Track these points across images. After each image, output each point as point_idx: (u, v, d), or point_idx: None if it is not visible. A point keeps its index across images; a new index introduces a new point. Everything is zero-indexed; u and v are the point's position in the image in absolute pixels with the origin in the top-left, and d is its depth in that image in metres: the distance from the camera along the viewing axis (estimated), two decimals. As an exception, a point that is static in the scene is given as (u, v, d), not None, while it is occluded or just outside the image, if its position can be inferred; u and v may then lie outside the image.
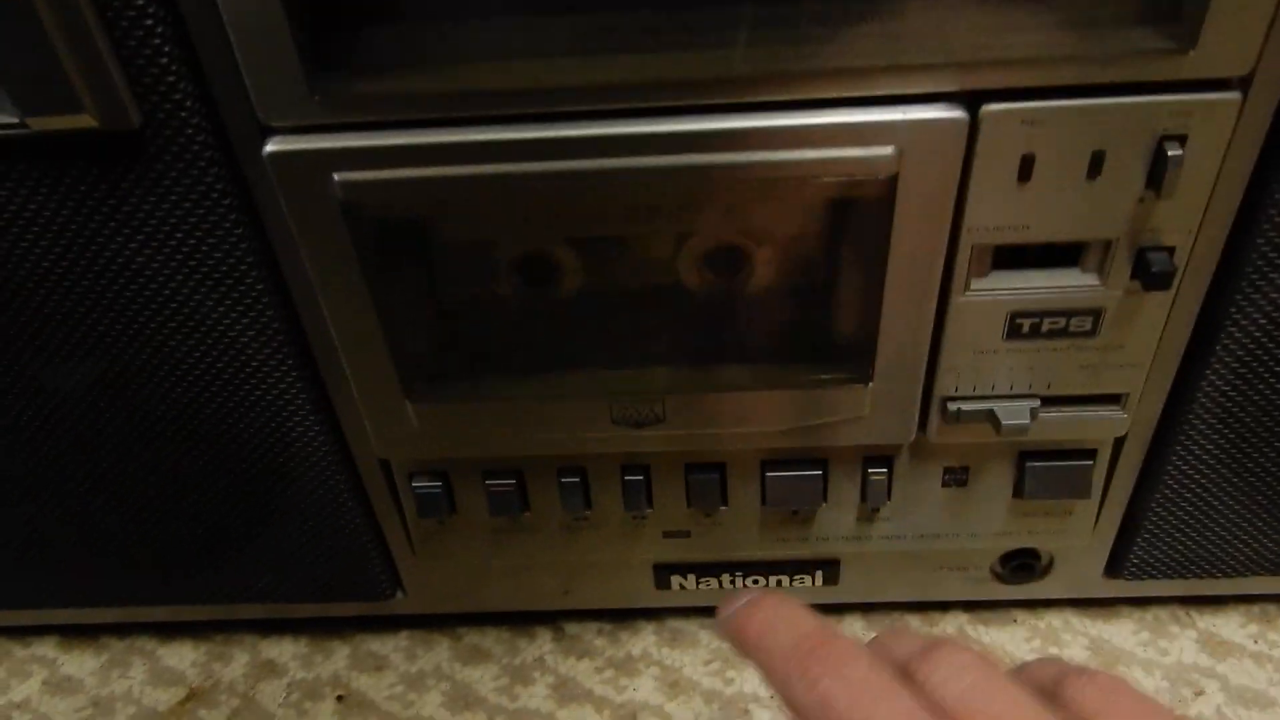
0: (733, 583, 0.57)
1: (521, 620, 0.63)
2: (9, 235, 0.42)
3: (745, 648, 0.33)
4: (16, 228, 0.42)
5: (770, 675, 0.31)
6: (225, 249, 0.43)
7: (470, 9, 0.37)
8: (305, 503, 0.53)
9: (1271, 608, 0.60)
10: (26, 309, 0.45)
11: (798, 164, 0.38)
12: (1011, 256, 0.42)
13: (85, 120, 0.38)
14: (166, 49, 0.37)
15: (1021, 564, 0.56)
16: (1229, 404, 0.47)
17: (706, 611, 0.61)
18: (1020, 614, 0.61)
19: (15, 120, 0.39)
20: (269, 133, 0.39)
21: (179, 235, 0.42)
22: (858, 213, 0.41)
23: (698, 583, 0.58)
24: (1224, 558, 0.54)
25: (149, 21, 0.37)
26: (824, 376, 0.46)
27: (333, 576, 0.57)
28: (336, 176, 0.39)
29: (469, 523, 0.54)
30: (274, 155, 0.39)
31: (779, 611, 0.32)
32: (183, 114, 0.39)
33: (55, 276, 0.44)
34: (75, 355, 0.46)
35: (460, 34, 0.37)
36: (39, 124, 0.39)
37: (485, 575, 0.59)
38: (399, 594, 0.59)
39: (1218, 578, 0.56)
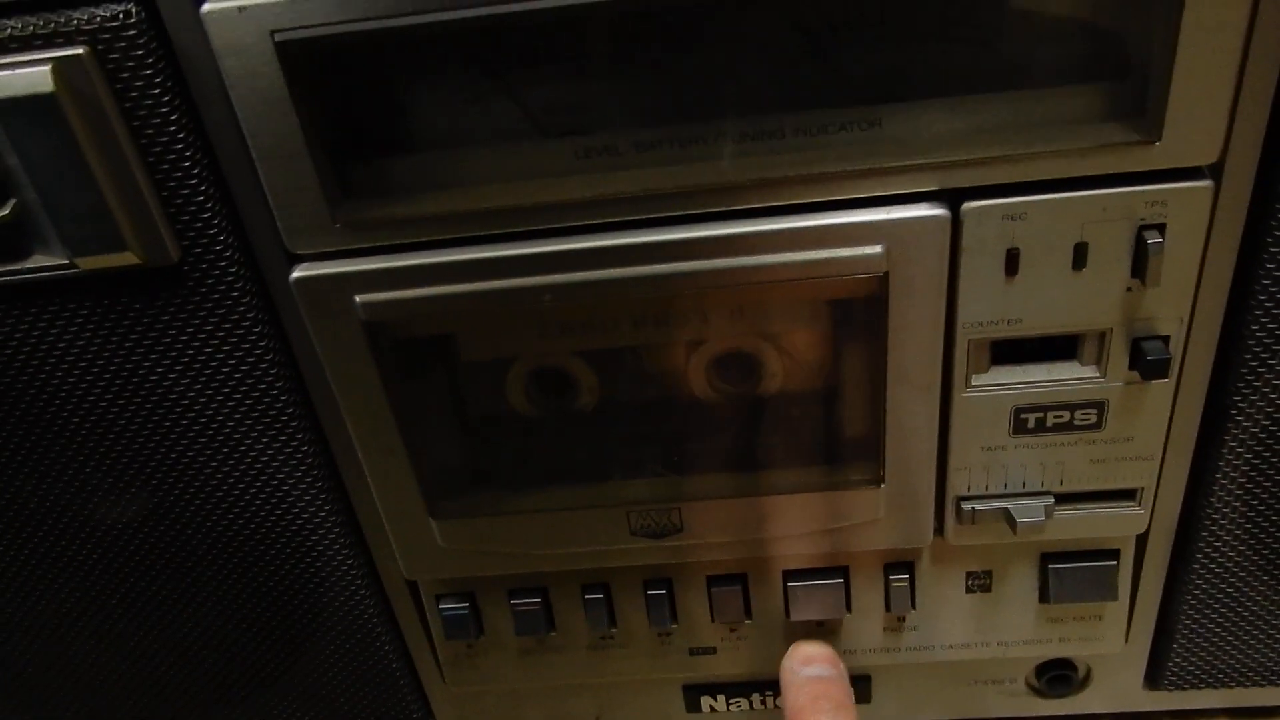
0: (763, 703, 0.57)
1: (555, 752, 0.62)
2: (59, 372, 0.45)
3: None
4: (66, 364, 0.45)
5: None
6: (257, 374, 0.45)
7: (478, 136, 0.40)
8: (335, 629, 0.53)
9: (1327, 718, 0.58)
10: (74, 443, 0.47)
11: (790, 265, 0.40)
12: (1010, 351, 0.43)
13: (129, 258, 0.41)
14: (202, 188, 0.40)
15: (1058, 675, 0.55)
16: (1248, 496, 0.47)
17: (740, 737, 0.61)
18: (1063, 731, 0.59)
19: (65, 261, 0.41)
20: (296, 260, 0.42)
21: (214, 363, 0.45)
22: (855, 312, 0.42)
23: (728, 704, 0.57)
24: (1267, 664, 0.53)
25: (186, 163, 0.40)
26: (836, 479, 0.46)
27: (363, 707, 0.57)
28: (358, 298, 0.42)
29: (496, 644, 0.54)
30: (300, 281, 0.42)
31: None
32: (217, 247, 0.42)
33: (100, 410, 0.46)
34: (119, 487, 0.48)
35: (470, 159, 0.40)
36: (87, 263, 0.41)
37: (516, 702, 0.58)
38: (431, 726, 0.59)
39: (1264, 686, 0.54)
